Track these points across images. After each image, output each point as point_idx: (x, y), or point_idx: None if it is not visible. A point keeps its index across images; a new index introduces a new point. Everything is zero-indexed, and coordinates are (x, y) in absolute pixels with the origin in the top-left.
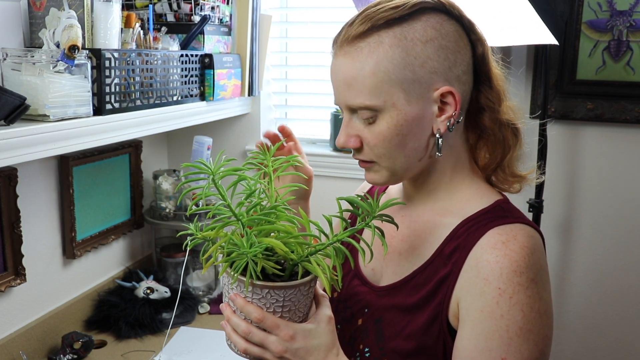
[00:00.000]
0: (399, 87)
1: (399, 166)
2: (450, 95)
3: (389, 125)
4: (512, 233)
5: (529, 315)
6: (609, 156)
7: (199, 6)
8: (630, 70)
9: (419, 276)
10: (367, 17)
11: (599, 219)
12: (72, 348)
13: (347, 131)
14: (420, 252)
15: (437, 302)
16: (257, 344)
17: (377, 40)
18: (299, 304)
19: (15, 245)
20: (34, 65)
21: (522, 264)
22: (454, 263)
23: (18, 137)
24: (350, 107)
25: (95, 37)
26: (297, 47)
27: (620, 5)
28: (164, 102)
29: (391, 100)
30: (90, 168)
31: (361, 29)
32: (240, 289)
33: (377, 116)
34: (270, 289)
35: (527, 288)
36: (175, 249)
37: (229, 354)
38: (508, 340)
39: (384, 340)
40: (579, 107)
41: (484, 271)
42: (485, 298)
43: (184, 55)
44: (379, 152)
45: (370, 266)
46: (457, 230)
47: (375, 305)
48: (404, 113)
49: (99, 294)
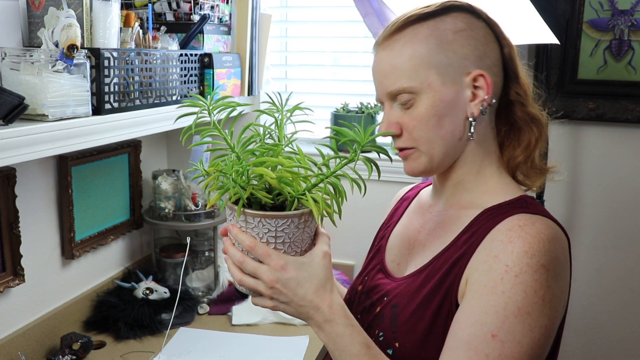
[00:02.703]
0: (434, 70)
1: (436, 150)
2: (482, 79)
3: (426, 105)
4: (531, 220)
5: (530, 299)
6: (610, 156)
7: (198, 5)
8: (631, 70)
9: (435, 263)
10: (402, 17)
11: (600, 218)
12: (71, 349)
13: (388, 119)
14: (441, 241)
15: (448, 284)
16: (250, 274)
17: (412, 32)
18: (294, 237)
19: (14, 245)
20: (32, 64)
21: (534, 247)
22: (468, 247)
23: (16, 136)
24: (391, 93)
25: (94, 37)
26: (297, 47)
27: (621, 5)
28: (163, 102)
29: (427, 81)
30: (89, 168)
31: (397, 25)
32: (235, 219)
33: (415, 99)
34: (262, 218)
35: (535, 271)
36: (174, 249)
37: (228, 355)
38: (503, 318)
39: (397, 324)
40: (580, 106)
41: (495, 249)
42: (491, 274)
43: (183, 55)
44: (417, 134)
45: (395, 261)
46: (477, 218)
47: (393, 293)
48: (440, 94)
49: (98, 294)
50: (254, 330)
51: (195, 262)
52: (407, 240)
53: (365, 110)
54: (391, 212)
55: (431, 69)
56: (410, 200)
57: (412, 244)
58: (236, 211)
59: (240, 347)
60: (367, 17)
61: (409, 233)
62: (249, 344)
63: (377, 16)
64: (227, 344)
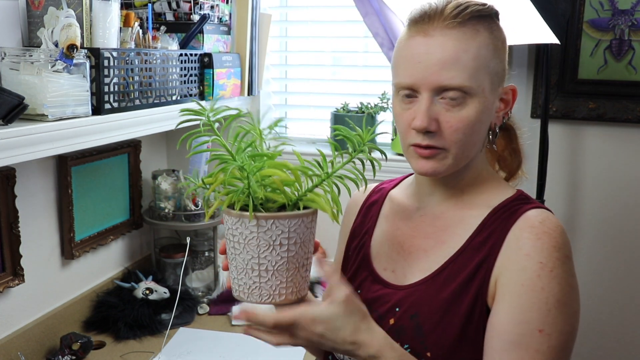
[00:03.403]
0: (488, 75)
1: (465, 155)
2: (512, 92)
3: (476, 110)
4: (544, 214)
5: (565, 289)
6: (611, 156)
7: (198, 5)
8: (632, 70)
9: (452, 266)
10: (462, 6)
11: (600, 219)
12: (70, 349)
13: (429, 114)
14: (449, 244)
15: (475, 287)
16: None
17: (474, 29)
18: (304, 237)
19: (14, 245)
20: (32, 64)
21: (559, 241)
22: (490, 247)
23: (16, 136)
24: (442, 87)
25: (93, 36)
26: (297, 46)
27: (622, 4)
28: (163, 102)
29: (482, 86)
30: (88, 168)
31: (463, 14)
32: (244, 225)
33: (465, 100)
34: (275, 219)
35: (563, 263)
36: (174, 249)
37: (228, 355)
38: (546, 312)
39: (424, 334)
40: (580, 106)
41: (525, 247)
42: (526, 272)
43: (183, 55)
44: (457, 137)
45: (389, 269)
46: (489, 219)
47: (407, 303)
48: (487, 102)
49: (97, 294)
50: None
51: (195, 262)
52: (399, 246)
53: (365, 110)
54: (357, 220)
55: (487, 74)
56: (380, 204)
57: (406, 250)
58: (242, 217)
59: (240, 347)
60: (367, 17)
61: (398, 239)
62: (248, 344)
63: (377, 16)
64: (227, 344)
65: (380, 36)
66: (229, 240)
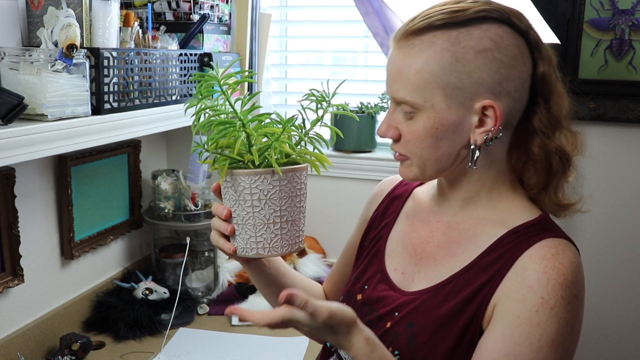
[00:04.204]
0: (441, 90)
1: (429, 167)
2: (492, 109)
3: (424, 125)
4: (560, 247)
5: (563, 329)
6: (611, 156)
7: (198, 5)
8: (632, 70)
9: (456, 281)
10: (428, 16)
11: (601, 219)
12: (70, 349)
13: (389, 122)
14: (459, 258)
15: (473, 308)
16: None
17: (430, 41)
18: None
19: (13, 245)
20: (31, 64)
21: (569, 278)
22: (496, 270)
23: (16, 136)
24: (394, 99)
25: (93, 36)
26: (296, 46)
27: (622, 4)
28: (162, 102)
29: (431, 101)
30: (88, 168)
31: (418, 26)
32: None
33: (415, 113)
34: (293, 172)
35: (568, 303)
36: (174, 249)
37: (228, 355)
38: (538, 349)
39: (416, 345)
40: (581, 106)
41: (530, 279)
42: (525, 305)
43: (183, 55)
44: (411, 148)
45: (399, 270)
46: (502, 240)
47: (406, 309)
48: (441, 117)
49: (97, 294)
50: (253, 331)
51: (194, 262)
52: (412, 249)
53: (365, 110)
54: (379, 210)
55: (438, 89)
56: (404, 199)
57: (419, 254)
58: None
59: (240, 348)
60: (367, 17)
61: (412, 241)
62: (248, 344)
63: (377, 16)
64: (227, 344)
65: (380, 36)
66: (243, 201)
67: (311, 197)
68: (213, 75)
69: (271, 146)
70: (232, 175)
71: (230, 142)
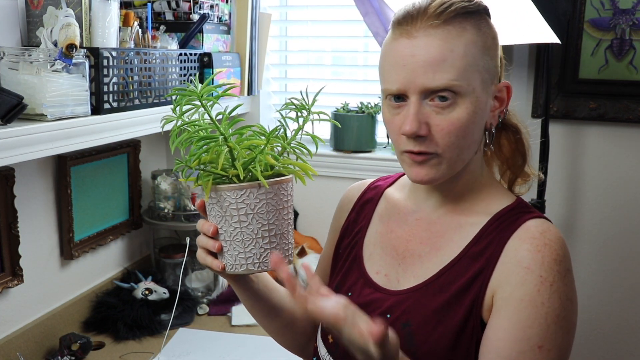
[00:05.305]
0: (478, 73)
1: (459, 158)
2: (506, 90)
3: (468, 111)
4: (545, 225)
5: (565, 303)
6: (612, 156)
7: (197, 4)
8: (633, 70)
9: (446, 274)
10: (447, 4)
11: (601, 219)
12: (69, 350)
13: (418, 118)
14: (445, 252)
15: (470, 298)
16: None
17: (460, 26)
18: (292, 199)
19: (13, 245)
20: (31, 64)
21: (560, 253)
22: (487, 258)
23: (15, 136)
24: (430, 89)
25: (93, 36)
26: (296, 46)
27: (623, 4)
28: (162, 102)
29: (472, 85)
30: (88, 168)
31: (445, 13)
32: (253, 195)
33: (456, 101)
34: (279, 184)
35: (564, 276)
36: (174, 249)
37: (228, 355)
38: (546, 328)
39: (416, 344)
40: (581, 106)
41: (525, 260)
42: (526, 286)
43: (182, 54)
44: (449, 140)
45: (382, 272)
46: (488, 227)
47: (399, 310)
48: (479, 101)
49: (97, 295)
50: (253, 331)
51: (194, 262)
52: (393, 250)
53: (365, 110)
54: (351, 217)
55: (477, 72)
56: (375, 202)
57: (401, 254)
58: (251, 188)
59: (240, 348)
60: (367, 17)
61: (392, 242)
62: (248, 344)
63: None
64: (226, 345)
65: (380, 36)
66: (230, 217)
67: (311, 197)
68: (193, 90)
69: (255, 159)
70: (217, 191)
71: (213, 157)
